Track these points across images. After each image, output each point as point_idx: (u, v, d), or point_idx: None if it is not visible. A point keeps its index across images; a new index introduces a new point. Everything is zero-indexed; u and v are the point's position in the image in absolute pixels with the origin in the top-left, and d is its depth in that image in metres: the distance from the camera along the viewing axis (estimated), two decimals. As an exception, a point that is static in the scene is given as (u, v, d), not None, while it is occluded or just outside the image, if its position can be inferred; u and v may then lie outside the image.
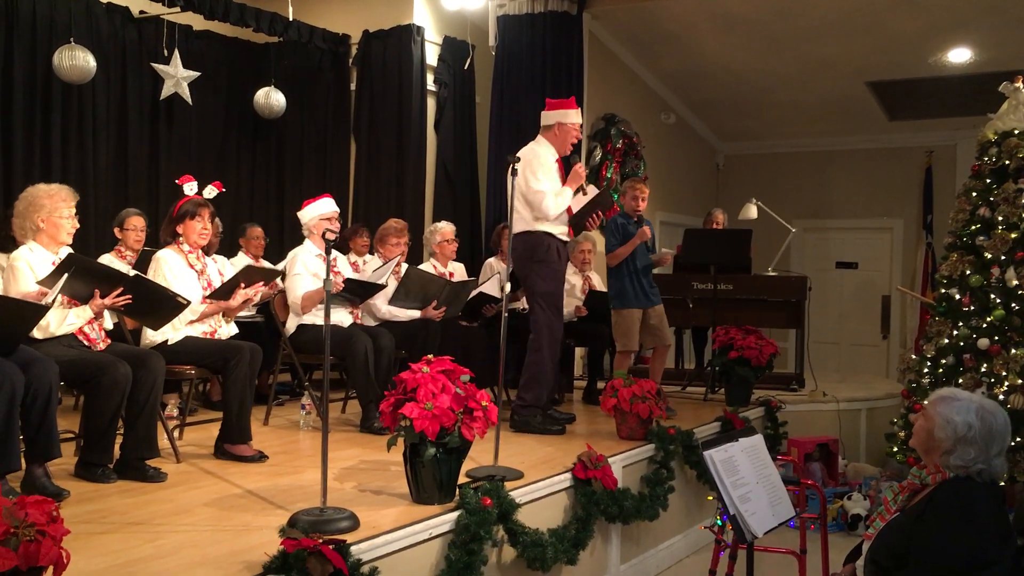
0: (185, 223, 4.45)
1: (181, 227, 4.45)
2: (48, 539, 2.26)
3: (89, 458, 3.81)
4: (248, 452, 4.29)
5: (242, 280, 4.45)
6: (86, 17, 6.85)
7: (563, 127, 5.21)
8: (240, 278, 4.45)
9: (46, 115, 6.65)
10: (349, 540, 2.88)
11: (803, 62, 8.92)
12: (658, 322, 6.03)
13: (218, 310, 4.47)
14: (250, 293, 4.51)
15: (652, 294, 6.03)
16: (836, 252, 10.97)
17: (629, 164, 9.11)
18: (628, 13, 8.27)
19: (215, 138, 8.01)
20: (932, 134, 10.17)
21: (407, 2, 8.00)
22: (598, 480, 4.13)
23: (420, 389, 3.36)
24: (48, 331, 3.78)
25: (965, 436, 2.64)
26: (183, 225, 4.45)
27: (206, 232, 4.50)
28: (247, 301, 4.55)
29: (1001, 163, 5.73)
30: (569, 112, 5.23)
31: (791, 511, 3.34)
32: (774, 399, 6.47)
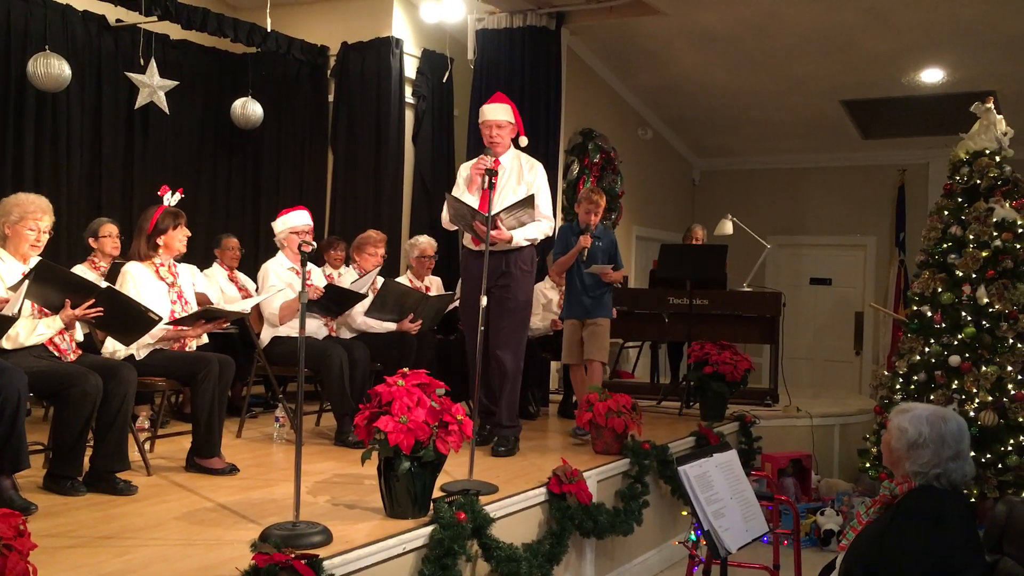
0: (168, 234, 4.40)
1: (163, 239, 4.40)
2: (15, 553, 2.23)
3: (58, 470, 3.76)
4: (218, 465, 4.24)
5: (203, 318, 4.42)
6: (61, 25, 6.80)
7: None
8: (202, 316, 4.41)
9: (19, 123, 6.58)
10: (322, 555, 2.85)
11: (778, 80, 9.01)
12: (587, 336, 5.80)
13: (177, 336, 4.41)
14: (211, 327, 4.51)
15: (592, 307, 5.78)
16: (810, 268, 11.08)
17: (606, 179, 9.15)
18: (606, 29, 8.32)
19: (191, 148, 7.97)
20: (905, 153, 10.30)
21: (386, 14, 8.00)
22: (573, 495, 4.13)
23: (395, 402, 3.35)
24: (17, 341, 3.73)
25: (916, 442, 2.74)
26: (165, 236, 4.40)
27: (186, 236, 4.49)
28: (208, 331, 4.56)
29: (972, 182, 5.81)
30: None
31: (764, 527, 3.35)
32: (748, 414, 6.50)
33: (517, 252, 4.94)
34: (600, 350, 5.77)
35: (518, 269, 4.95)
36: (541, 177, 5.00)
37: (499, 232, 4.70)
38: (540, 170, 5.03)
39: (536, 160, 5.10)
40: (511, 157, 5.01)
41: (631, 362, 9.31)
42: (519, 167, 4.99)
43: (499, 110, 4.96)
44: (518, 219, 4.75)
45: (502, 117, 4.94)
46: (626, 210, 9.65)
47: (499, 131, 4.93)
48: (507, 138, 4.99)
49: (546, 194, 4.98)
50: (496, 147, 4.93)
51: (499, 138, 4.93)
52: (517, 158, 5.03)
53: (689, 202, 11.59)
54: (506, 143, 4.99)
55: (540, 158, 7.64)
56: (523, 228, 4.82)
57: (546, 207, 4.97)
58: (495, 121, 4.93)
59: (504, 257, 4.93)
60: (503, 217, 4.67)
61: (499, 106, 4.97)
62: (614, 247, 5.88)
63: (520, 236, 4.85)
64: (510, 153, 5.03)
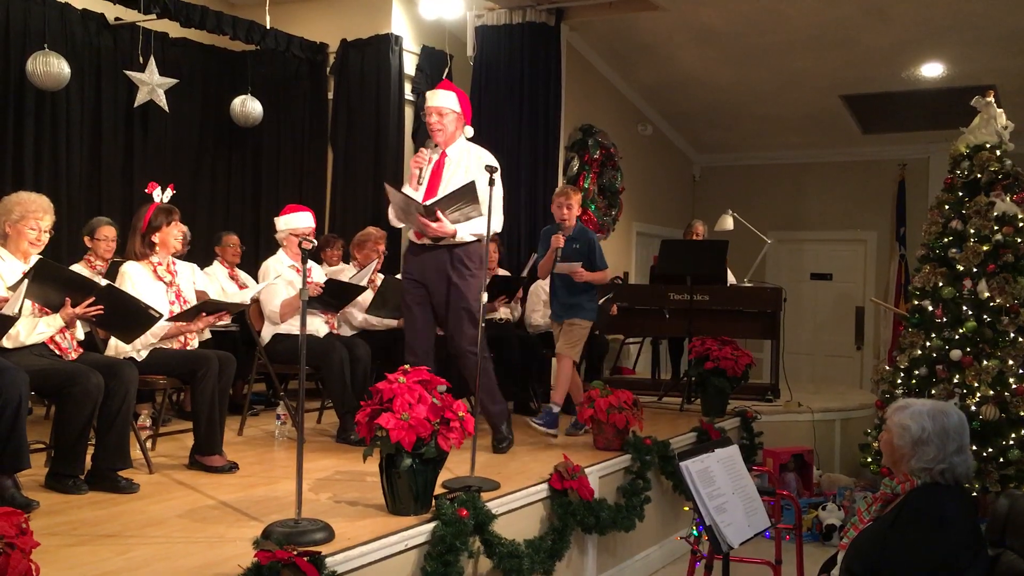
0: (162, 230, 4.40)
1: (158, 236, 4.40)
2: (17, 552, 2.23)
3: (60, 469, 3.76)
4: (218, 463, 4.24)
5: (204, 311, 4.42)
6: (60, 23, 6.79)
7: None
8: (203, 308, 4.41)
9: (19, 122, 6.57)
10: (324, 552, 2.85)
11: (777, 76, 9.00)
12: (561, 334, 5.57)
13: (179, 332, 4.41)
14: (212, 320, 4.49)
15: (566, 309, 5.54)
16: (811, 264, 11.07)
17: (606, 175, 9.15)
18: (606, 25, 8.32)
19: (191, 146, 7.96)
20: (905, 147, 10.29)
21: (385, 11, 7.99)
22: (574, 491, 4.13)
23: (396, 399, 3.35)
24: (18, 340, 3.73)
25: (920, 438, 2.72)
26: (160, 233, 4.40)
27: (181, 233, 4.48)
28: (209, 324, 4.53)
29: (973, 176, 5.81)
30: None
31: (766, 521, 3.35)
32: (749, 410, 6.50)
33: (462, 248, 4.61)
34: (570, 346, 5.53)
35: (464, 267, 4.62)
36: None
37: (440, 225, 4.42)
38: (490, 159, 4.65)
39: (486, 151, 4.73)
40: (460, 149, 4.69)
41: (632, 358, 9.32)
42: (467, 159, 4.65)
43: (442, 96, 4.63)
44: (464, 214, 4.45)
45: (444, 104, 4.61)
46: (626, 206, 9.64)
47: (440, 118, 4.60)
48: (451, 127, 4.64)
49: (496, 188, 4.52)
50: (436, 135, 4.61)
51: (440, 126, 4.60)
52: (467, 151, 4.69)
53: (689, 198, 11.58)
54: (450, 132, 4.65)
55: (540, 154, 7.76)
56: (469, 223, 4.51)
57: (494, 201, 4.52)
58: (436, 107, 4.61)
59: (448, 253, 4.61)
60: (445, 209, 4.39)
61: (444, 92, 4.65)
62: (591, 247, 5.55)
63: (465, 231, 4.53)
64: (458, 145, 4.70)
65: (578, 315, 5.53)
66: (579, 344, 5.57)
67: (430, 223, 4.43)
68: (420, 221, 4.44)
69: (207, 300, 4.61)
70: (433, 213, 4.38)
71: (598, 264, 5.56)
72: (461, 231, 4.52)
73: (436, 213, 4.39)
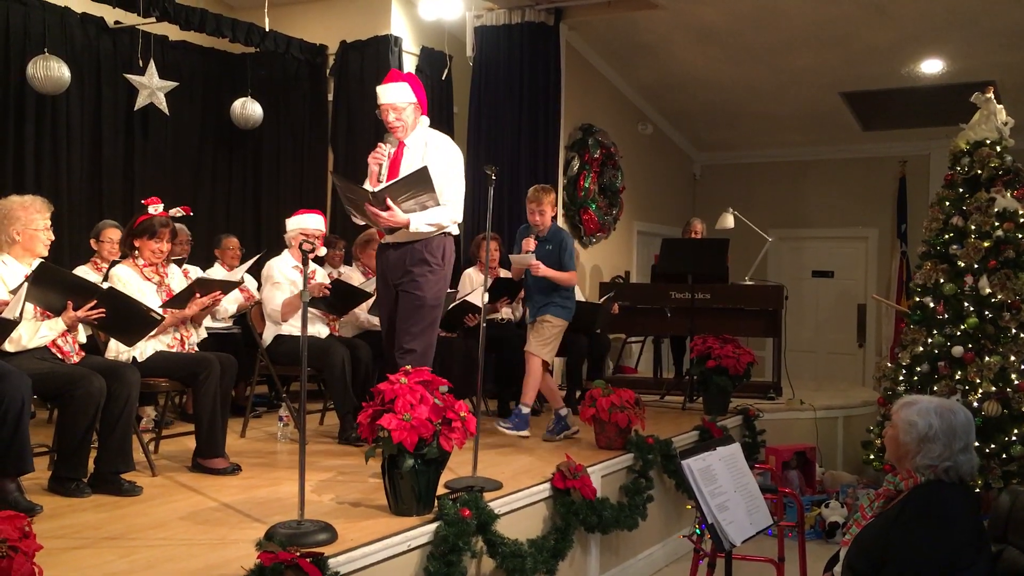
0: (143, 240, 4.39)
1: (138, 242, 4.41)
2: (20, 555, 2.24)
3: (63, 472, 3.76)
4: (221, 465, 4.24)
5: (197, 290, 4.42)
6: (60, 27, 6.80)
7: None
8: (195, 288, 4.41)
9: (20, 126, 6.58)
10: (327, 553, 2.86)
11: (777, 73, 9.00)
12: (532, 332, 5.44)
13: (175, 321, 4.41)
14: (206, 301, 4.45)
15: (533, 308, 5.45)
16: (812, 261, 11.07)
17: (607, 174, 9.15)
18: (605, 24, 8.31)
19: (191, 149, 7.97)
20: (906, 144, 10.28)
21: (384, 12, 8.00)
22: (577, 490, 4.13)
23: (398, 400, 3.35)
24: (20, 344, 3.73)
25: (927, 435, 2.71)
26: (140, 241, 4.40)
27: (161, 253, 4.44)
28: (206, 309, 4.50)
29: (973, 172, 5.80)
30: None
31: (769, 519, 3.35)
32: (752, 408, 6.50)
33: (424, 243, 4.33)
34: (539, 345, 5.34)
35: (425, 262, 4.34)
36: (450, 155, 4.41)
37: (392, 214, 4.15)
38: (449, 147, 4.44)
39: (447, 137, 4.54)
40: (418, 137, 4.44)
41: (634, 357, 9.32)
42: (426, 146, 4.40)
43: (395, 91, 4.36)
44: (419, 202, 4.18)
45: (399, 98, 4.35)
46: (627, 205, 9.64)
47: (398, 114, 4.35)
48: (411, 119, 4.39)
49: (454, 175, 4.37)
50: (396, 132, 4.39)
51: (399, 122, 4.36)
52: (426, 138, 4.44)
53: (690, 196, 11.58)
54: (409, 125, 4.40)
55: (540, 154, 7.76)
56: (424, 213, 4.23)
57: (452, 190, 4.35)
58: (391, 104, 4.35)
59: (409, 249, 4.35)
60: (396, 197, 4.13)
61: (395, 86, 4.37)
62: (561, 248, 5.39)
63: (420, 221, 4.23)
64: (417, 133, 4.44)
65: (549, 311, 5.36)
66: (551, 343, 5.38)
67: (380, 213, 4.15)
68: (370, 211, 4.18)
69: (198, 278, 4.60)
70: (383, 201, 4.14)
71: (566, 264, 5.39)
72: (416, 221, 4.22)
73: (386, 201, 4.14)
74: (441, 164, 4.30)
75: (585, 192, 8.83)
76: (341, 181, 4.31)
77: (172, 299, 4.37)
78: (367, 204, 4.16)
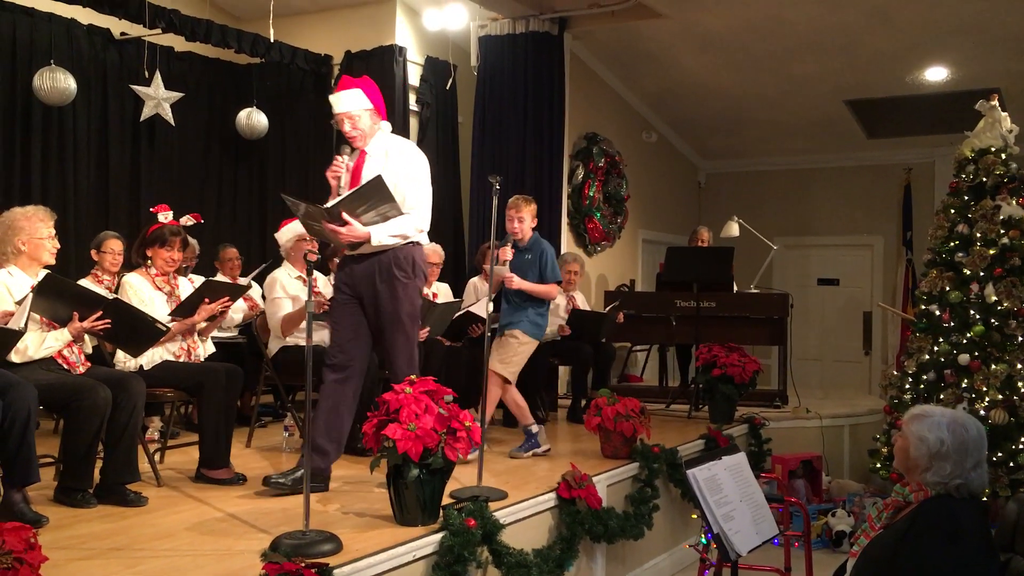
0: (155, 249, 4.43)
1: (150, 251, 4.44)
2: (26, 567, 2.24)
3: (69, 483, 3.77)
4: (226, 476, 4.24)
5: (206, 295, 4.42)
6: (67, 39, 6.84)
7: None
8: (204, 293, 4.42)
9: (26, 137, 6.62)
10: (332, 563, 2.86)
11: (781, 81, 9.00)
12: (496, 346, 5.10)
13: (184, 328, 4.42)
14: (216, 308, 4.45)
15: (505, 319, 5.16)
16: (817, 269, 11.05)
17: (611, 183, 9.16)
18: (608, 34, 8.33)
19: (197, 159, 8.00)
20: (911, 151, 10.27)
21: (389, 23, 8.03)
22: (582, 499, 4.12)
23: (403, 410, 3.35)
24: (26, 355, 3.75)
25: (939, 452, 2.66)
26: (152, 250, 4.44)
27: (173, 261, 4.47)
28: (214, 317, 4.51)
29: (978, 180, 5.79)
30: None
31: (774, 529, 3.34)
32: (757, 416, 6.48)
33: (390, 255, 4.04)
34: (502, 362, 4.96)
35: (395, 278, 4.05)
36: (412, 161, 4.14)
37: (351, 229, 3.87)
38: (411, 153, 4.18)
39: (410, 142, 4.31)
40: (379, 144, 4.19)
41: (639, 366, 9.31)
42: (385, 154, 4.15)
43: (349, 98, 4.11)
44: (380, 214, 3.90)
45: (353, 106, 4.10)
46: (632, 214, 9.65)
47: (354, 122, 4.12)
48: (368, 127, 4.14)
49: (417, 182, 4.10)
50: (356, 142, 4.15)
51: (356, 131, 4.13)
52: (386, 145, 4.19)
53: (695, 205, 11.58)
54: (367, 133, 4.15)
55: (545, 163, 7.78)
56: (386, 224, 3.95)
57: (415, 197, 4.07)
58: (345, 113, 4.11)
59: (375, 261, 4.06)
60: (354, 210, 3.86)
61: (348, 93, 4.12)
62: (542, 259, 5.14)
63: (382, 234, 3.96)
64: (378, 140, 4.19)
65: (519, 327, 5.08)
66: (515, 361, 5.04)
67: (339, 229, 3.87)
68: (328, 229, 3.90)
69: (207, 281, 4.60)
70: (339, 216, 3.86)
71: (547, 276, 5.15)
72: (378, 234, 3.95)
73: (342, 216, 3.85)
74: (403, 171, 4.05)
75: (590, 201, 8.83)
76: (293, 201, 3.93)
77: (180, 305, 4.38)
78: (324, 222, 3.89)
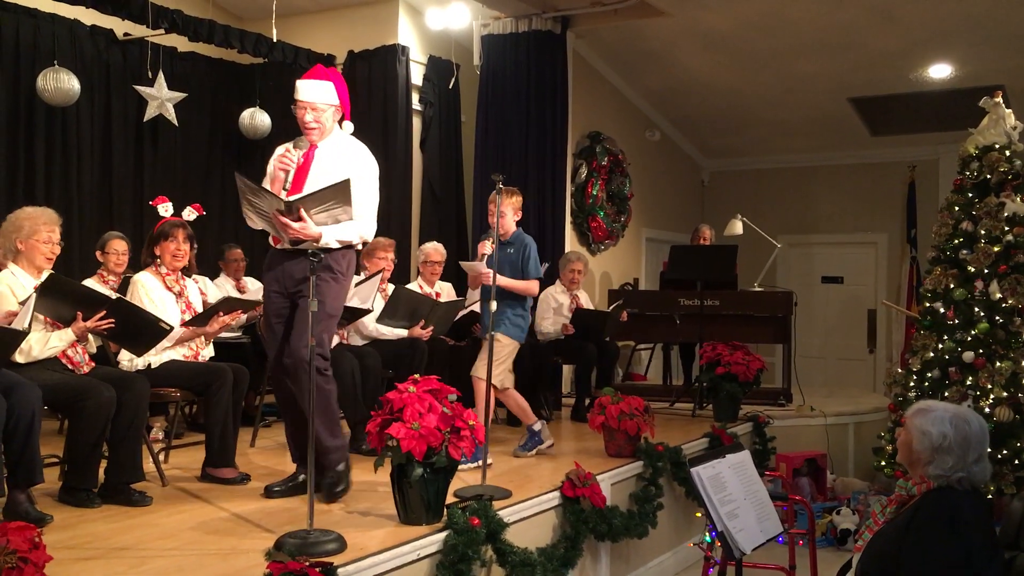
0: (160, 244, 4.45)
1: (158, 248, 4.47)
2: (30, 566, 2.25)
3: (73, 483, 3.78)
4: (230, 475, 4.26)
5: (221, 309, 4.46)
6: (70, 40, 6.85)
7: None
8: (220, 307, 4.45)
9: (30, 138, 6.63)
10: (336, 562, 2.86)
11: (784, 79, 8.99)
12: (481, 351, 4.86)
13: (195, 336, 4.46)
14: (228, 320, 4.50)
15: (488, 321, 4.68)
16: (821, 267, 11.03)
17: (615, 181, 9.15)
18: (611, 32, 8.32)
19: (200, 159, 8.01)
20: (914, 149, 10.25)
21: (392, 22, 8.03)
22: (586, 498, 4.12)
23: (407, 409, 3.35)
24: (31, 355, 3.76)
25: (941, 446, 2.68)
26: (159, 247, 4.46)
27: (180, 253, 4.48)
28: (224, 326, 4.54)
29: (983, 177, 5.78)
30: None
31: (779, 527, 3.34)
32: (762, 414, 6.48)
33: (326, 254, 3.82)
34: (484, 365, 4.57)
35: (329, 268, 3.87)
36: (365, 167, 3.96)
37: (304, 226, 3.72)
38: (365, 159, 3.99)
39: (364, 147, 4.06)
40: (332, 144, 3.99)
41: (643, 364, 9.30)
42: (338, 155, 3.95)
43: (318, 89, 3.91)
44: (333, 215, 3.76)
45: (320, 98, 3.90)
46: (636, 212, 9.64)
47: (316, 114, 3.90)
48: (329, 123, 3.95)
49: (366, 188, 3.93)
50: (311, 135, 3.93)
51: (316, 123, 3.91)
52: (341, 146, 4.00)
53: (699, 203, 11.56)
54: (326, 128, 3.95)
55: (548, 162, 7.76)
56: (335, 227, 3.81)
57: (364, 204, 3.91)
58: (310, 103, 3.90)
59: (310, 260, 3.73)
60: (312, 208, 3.71)
61: (319, 84, 3.92)
62: (524, 253, 4.94)
63: (331, 237, 3.82)
64: (332, 138, 4.00)
65: (499, 329, 4.81)
66: (499, 365, 4.79)
67: (291, 224, 3.71)
68: (279, 221, 3.74)
69: (226, 298, 4.63)
70: (295, 211, 3.71)
71: (529, 272, 4.93)
72: (327, 236, 3.81)
73: (299, 211, 3.71)
74: (354, 176, 3.82)
75: (593, 199, 8.83)
76: (248, 185, 3.74)
77: (196, 317, 4.41)
78: (276, 212, 3.73)
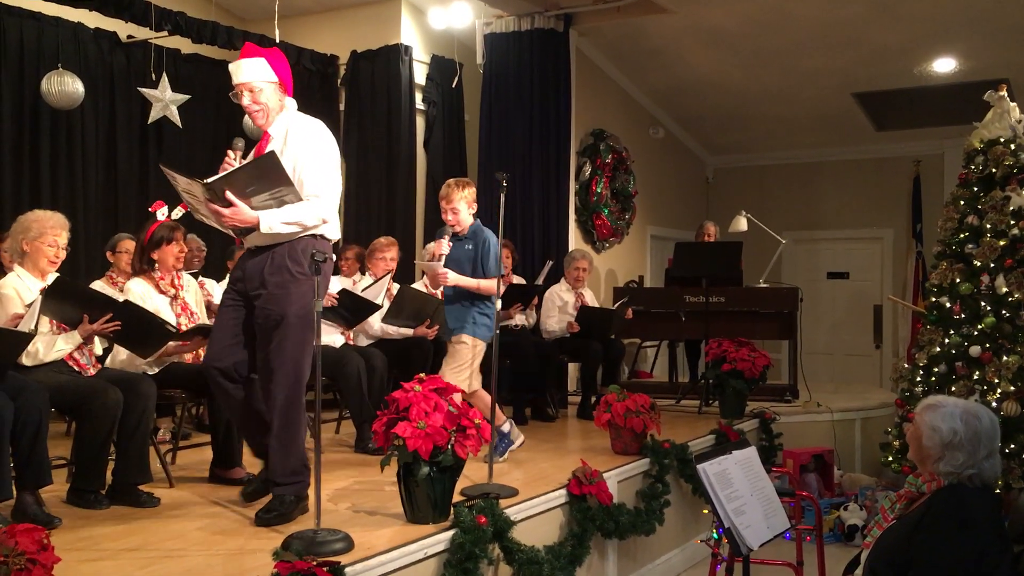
0: (161, 249, 4.42)
1: (157, 254, 4.42)
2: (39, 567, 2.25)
3: (81, 484, 3.79)
4: (238, 475, 4.26)
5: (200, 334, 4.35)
6: (74, 42, 6.87)
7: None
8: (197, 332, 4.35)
9: (35, 141, 6.64)
10: (343, 562, 2.86)
11: (788, 75, 8.98)
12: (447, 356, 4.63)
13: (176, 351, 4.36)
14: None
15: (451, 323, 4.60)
16: (827, 263, 11.02)
17: (619, 179, 9.15)
18: (614, 29, 8.32)
19: (205, 161, 7.99)
20: (919, 143, 10.23)
21: (394, 22, 8.03)
22: (593, 496, 4.12)
23: (413, 408, 3.36)
24: (37, 357, 3.77)
25: (952, 442, 2.67)
26: (159, 251, 4.42)
27: (182, 255, 4.49)
28: None
29: (988, 171, 5.76)
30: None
31: (786, 523, 3.33)
32: (768, 411, 6.47)
33: (287, 247, 3.47)
34: (453, 372, 4.40)
35: (286, 269, 3.46)
36: (316, 141, 3.55)
37: (236, 211, 3.32)
38: (315, 132, 3.57)
39: (318, 120, 3.65)
40: (282, 124, 3.60)
41: (649, 362, 9.30)
42: (290, 134, 3.55)
43: (250, 68, 3.54)
44: (276, 197, 3.37)
45: (256, 76, 3.53)
46: (640, 210, 9.63)
47: (254, 95, 3.54)
48: (272, 102, 3.57)
49: (319, 163, 3.50)
50: (256, 118, 3.58)
51: (257, 105, 3.54)
52: (290, 125, 3.59)
53: (703, 200, 11.55)
54: (271, 109, 3.57)
55: (552, 160, 7.76)
56: (279, 210, 3.40)
57: (316, 182, 3.48)
58: (246, 84, 3.54)
59: (269, 255, 3.49)
60: (241, 190, 3.32)
61: (250, 62, 3.55)
62: (483, 249, 4.55)
63: (274, 220, 3.38)
64: (282, 119, 3.61)
65: (464, 331, 4.53)
66: (467, 368, 4.49)
67: (222, 210, 3.33)
68: (211, 209, 3.36)
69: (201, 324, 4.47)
70: (222, 195, 3.32)
71: (489, 270, 4.51)
72: (268, 220, 3.37)
73: (226, 195, 3.32)
74: (303, 151, 3.49)
75: (597, 197, 8.82)
76: (171, 174, 3.40)
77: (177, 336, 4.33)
78: (207, 201, 3.36)
